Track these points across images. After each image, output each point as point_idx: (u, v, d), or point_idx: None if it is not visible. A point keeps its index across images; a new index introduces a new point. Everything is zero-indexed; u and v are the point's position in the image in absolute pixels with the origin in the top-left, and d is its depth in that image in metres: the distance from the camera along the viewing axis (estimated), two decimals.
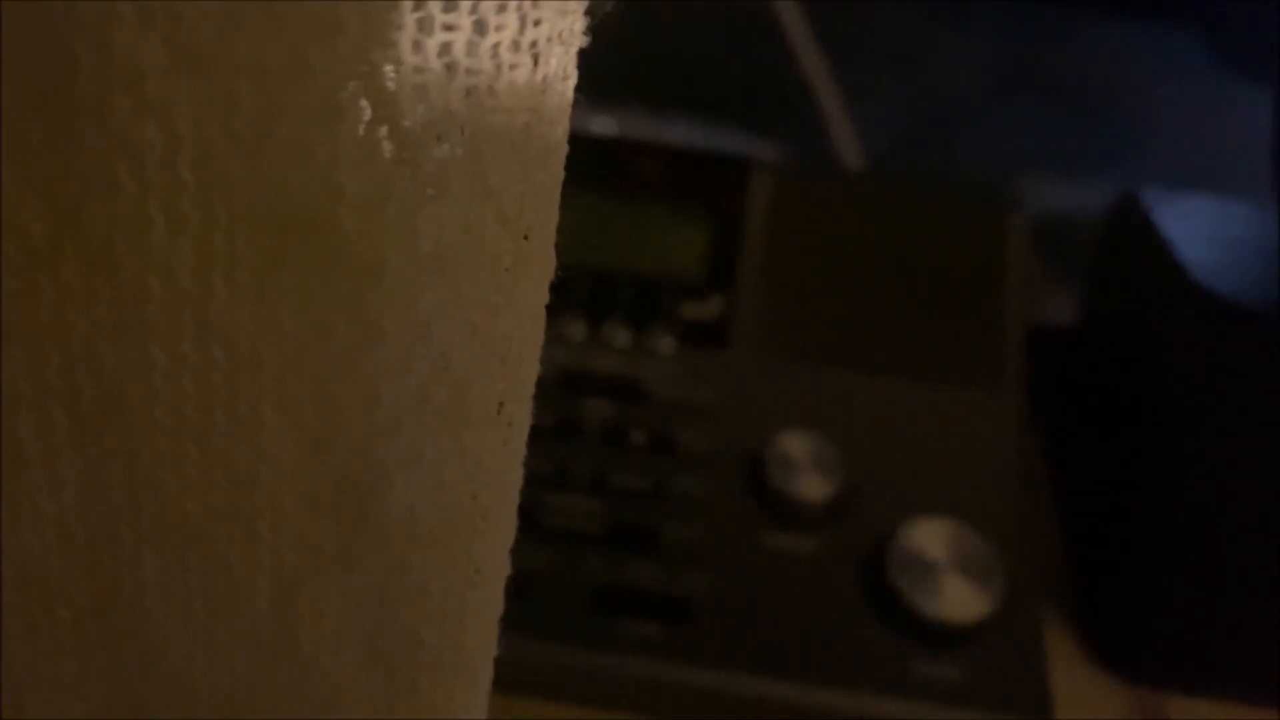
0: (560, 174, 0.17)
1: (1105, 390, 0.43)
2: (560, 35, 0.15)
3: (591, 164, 0.43)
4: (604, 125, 0.48)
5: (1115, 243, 0.45)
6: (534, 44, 0.15)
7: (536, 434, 0.20)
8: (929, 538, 0.36)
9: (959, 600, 0.35)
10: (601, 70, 0.16)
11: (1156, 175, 0.51)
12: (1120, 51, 0.56)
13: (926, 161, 0.54)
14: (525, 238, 0.16)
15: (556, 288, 0.37)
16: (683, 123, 0.50)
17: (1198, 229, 0.41)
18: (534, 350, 0.18)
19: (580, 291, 0.41)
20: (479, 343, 0.17)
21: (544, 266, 0.17)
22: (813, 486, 0.37)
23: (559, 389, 0.40)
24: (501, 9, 0.14)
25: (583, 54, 0.16)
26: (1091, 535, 0.42)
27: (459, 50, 0.14)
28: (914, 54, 0.56)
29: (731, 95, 0.53)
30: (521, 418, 0.18)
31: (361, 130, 0.14)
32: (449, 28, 0.14)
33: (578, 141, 0.17)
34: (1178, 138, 0.55)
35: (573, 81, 0.16)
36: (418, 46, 0.14)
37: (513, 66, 0.15)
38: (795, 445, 0.38)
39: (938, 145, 0.55)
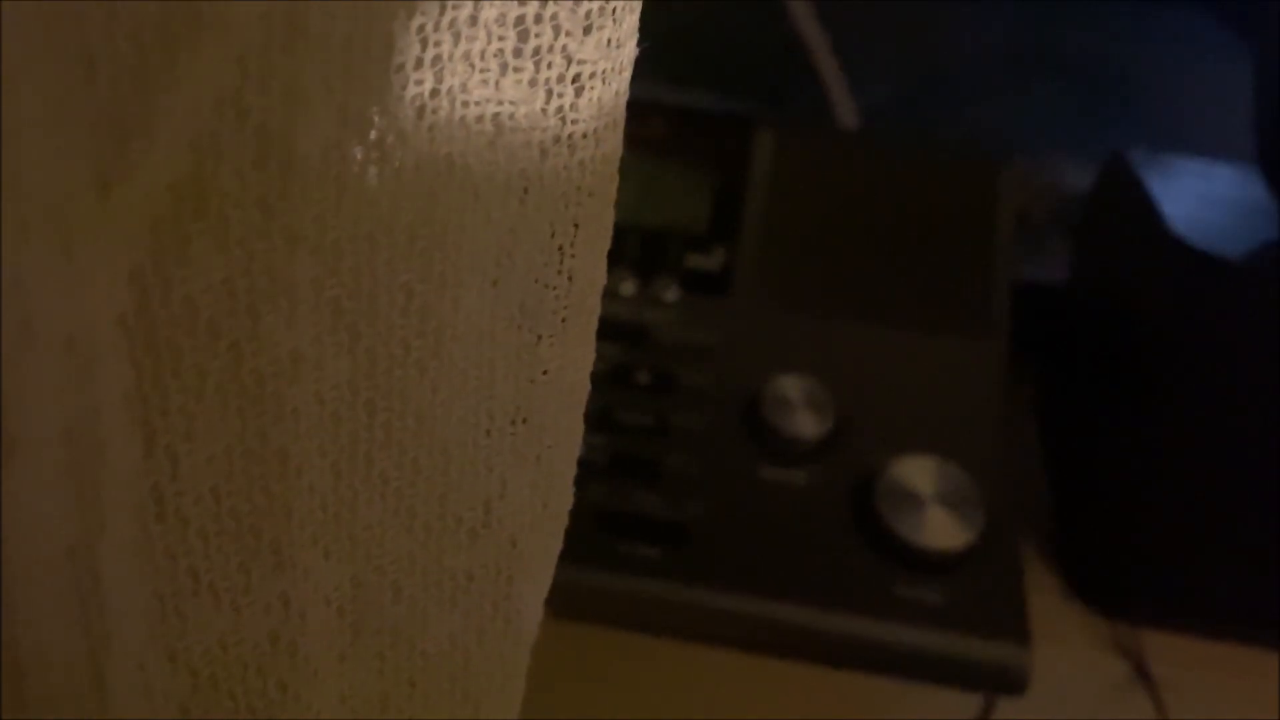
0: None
1: (1091, 341, 0.45)
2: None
3: None
4: None
5: (1104, 200, 0.47)
6: None
7: None
8: (915, 472, 0.38)
9: (942, 530, 0.37)
10: None
11: (1154, 146, 0.52)
12: (1119, 24, 0.57)
13: (927, 131, 0.56)
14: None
15: None
16: (683, 88, 0.52)
17: (1182, 188, 0.43)
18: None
19: None
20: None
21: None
22: (806, 424, 0.39)
23: None
24: None
25: None
26: (1072, 477, 0.44)
27: None
28: (915, 26, 0.57)
29: (732, 62, 0.55)
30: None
31: None
32: None
33: None
34: (1174, 109, 0.56)
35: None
36: None
37: None
38: (790, 386, 0.40)
39: (936, 118, 0.57)
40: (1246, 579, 0.40)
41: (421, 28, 0.15)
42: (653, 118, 0.46)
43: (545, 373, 0.20)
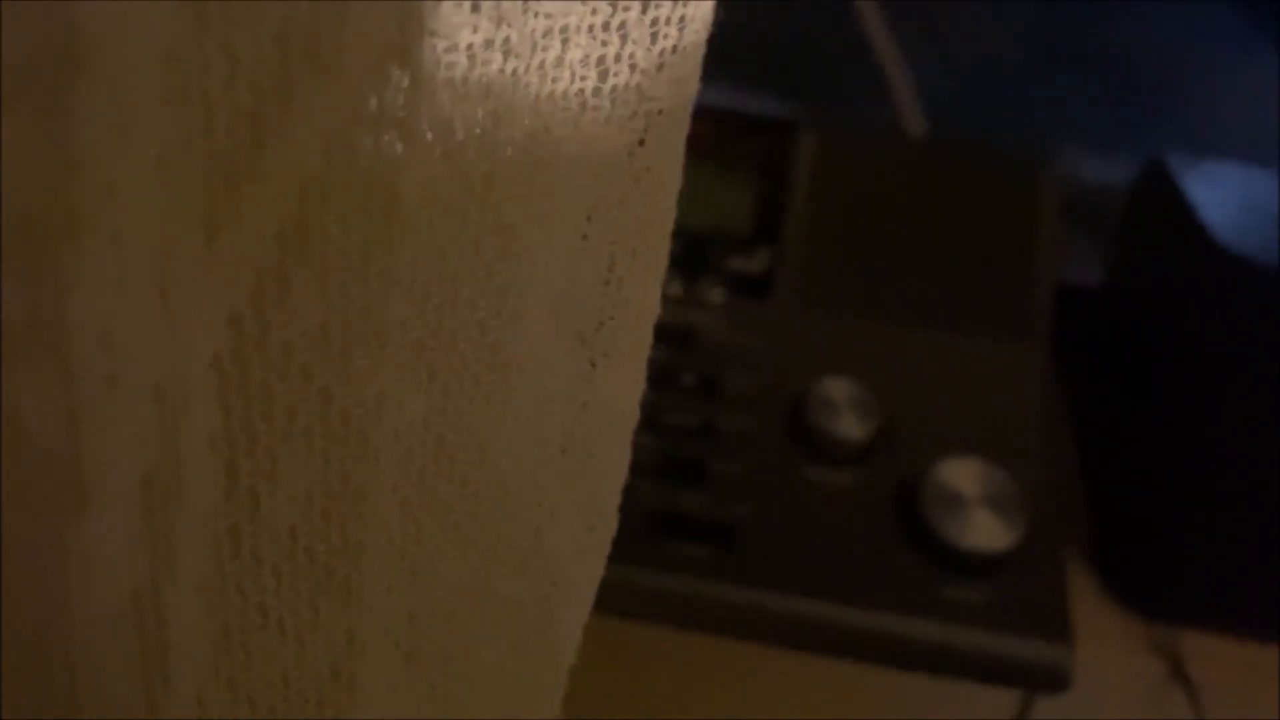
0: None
1: (1130, 346, 0.45)
2: None
3: None
4: None
5: (1142, 206, 0.47)
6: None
7: None
8: (959, 475, 0.38)
9: (985, 532, 0.37)
10: None
11: (1189, 145, 0.52)
12: (1156, 22, 0.57)
13: (964, 130, 0.56)
14: None
15: None
16: (739, 91, 0.53)
17: (1222, 193, 0.43)
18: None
19: None
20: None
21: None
22: (851, 426, 0.40)
23: None
24: None
25: None
26: (1112, 480, 0.44)
27: None
28: (953, 25, 0.57)
29: (788, 64, 0.55)
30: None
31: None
32: None
33: None
34: (1213, 109, 0.56)
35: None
36: None
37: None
38: (835, 388, 0.40)
39: (975, 117, 0.57)
40: None
41: (515, 70, 0.16)
42: (697, 121, 0.47)
43: (598, 399, 0.20)
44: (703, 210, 0.45)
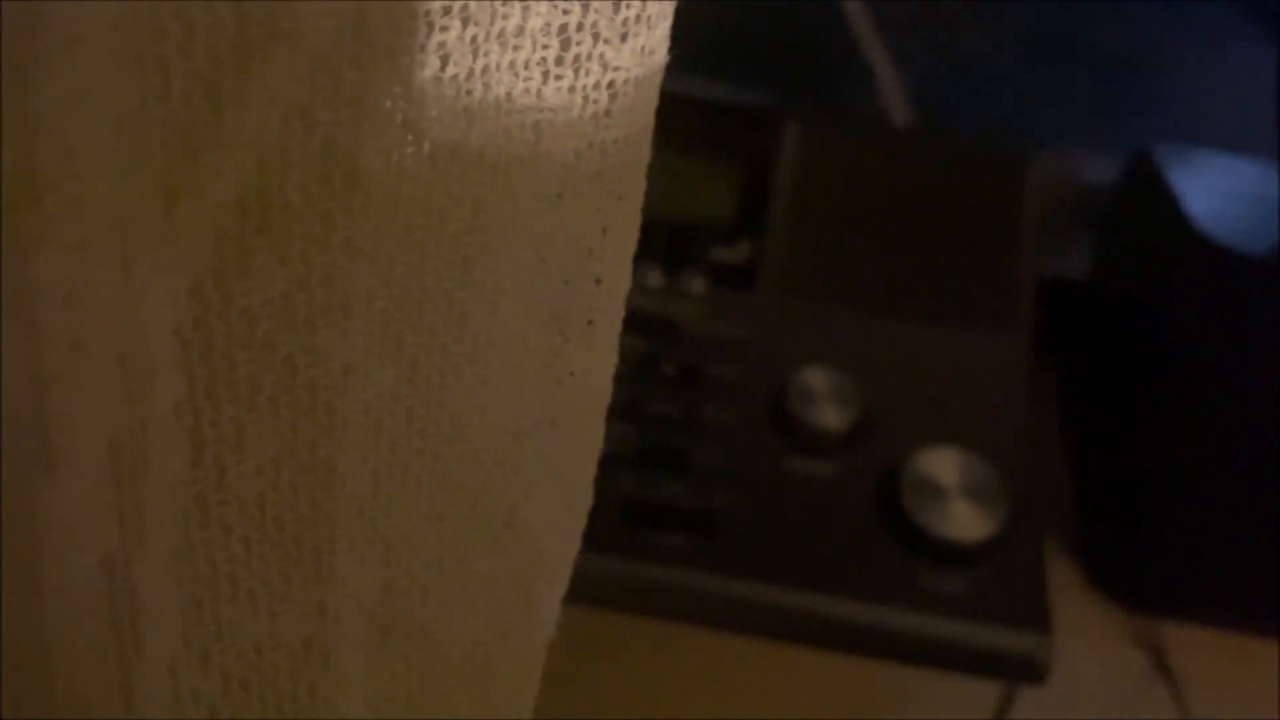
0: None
1: (1115, 336, 0.45)
2: None
3: None
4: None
5: (1127, 197, 0.47)
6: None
7: None
8: (939, 464, 0.38)
9: (965, 521, 0.37)
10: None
11: (1180, 138, 0.52)
12: (1146, 15, 0.57)
13: (953, 123, 0.56)
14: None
15: None
16: (727, 83, 0.52)
17: (1206, 184, 0.43)
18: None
19: None
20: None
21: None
22: (831, 416, 0.40)
23: None
24: None
25: None
26: (1095, 471, 0.44)
27: None
28: (941, 19, 0.57)
29: (776, 57, 0.55)
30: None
31: None
32: None
33: None
34: (1204, 101, 0.56)
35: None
36: None
37: None
38: (816, 378, 0.40)
39: (964, 110, 0.57)
40: (1268, 573, 0.40)
41: (474, 38, 0.16)
42: (679, 110, 0.47)
43: (572, 375, 0.20)
44: (685, 200, 0.45)
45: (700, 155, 0.45)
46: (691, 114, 0.46)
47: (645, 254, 0.43)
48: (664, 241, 0.44)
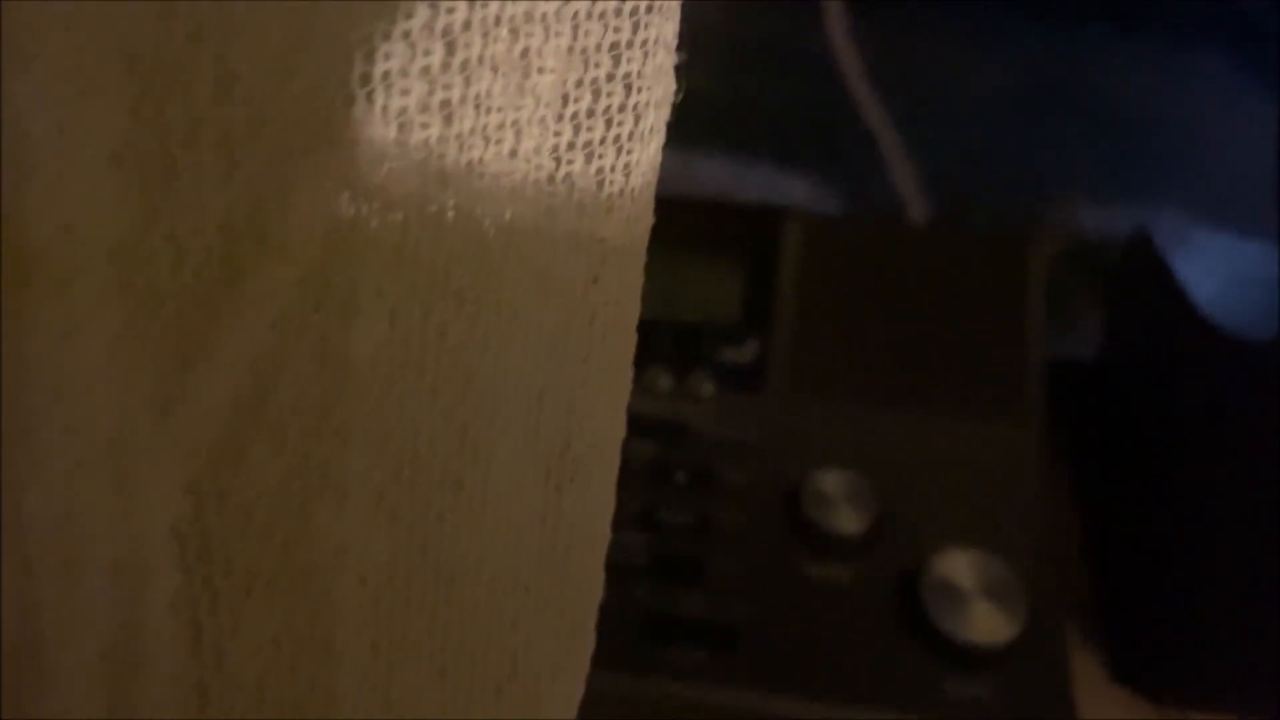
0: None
1: (1126, 422, 0.45)
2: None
3: None
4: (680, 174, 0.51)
5: (1129, 278, 0.47)
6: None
7: None
8: (957, 566, 0.38)
9: (986, 624, 0.37)
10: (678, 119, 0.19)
11: (1189, 197, 0.52)
12: (1152, 74, 0.56)
13: (964, 198, 0.55)
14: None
15: None
16: (756, 170, 0.52)
17: (1208, 266, 0.43)
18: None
19: None
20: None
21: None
22: (847, 520, 0.39)
23: None
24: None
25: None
26: (1115, 560, 0.44)
27: None
28: (943, 85, 0.57)
29: (797, 141, 0.55)
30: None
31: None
32: None
33: None
34: (1212, 160, 0.56)
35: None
36: None
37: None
38: (830, 481, 0.40)
39: (973, 183, 0.56)
40: None
41: (456, 218, 0.16)
42: (682, 212, 0.47)
43: (569, 525, 0.20)
44: (691, 302, 0.45)
45: (705, 256, 0.45)
46: (694, 215, 0.46)
47: (653, 357, 0.43)
48: (671, 344, 0.44)
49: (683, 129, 0.19)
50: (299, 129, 0.14)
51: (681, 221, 0.46)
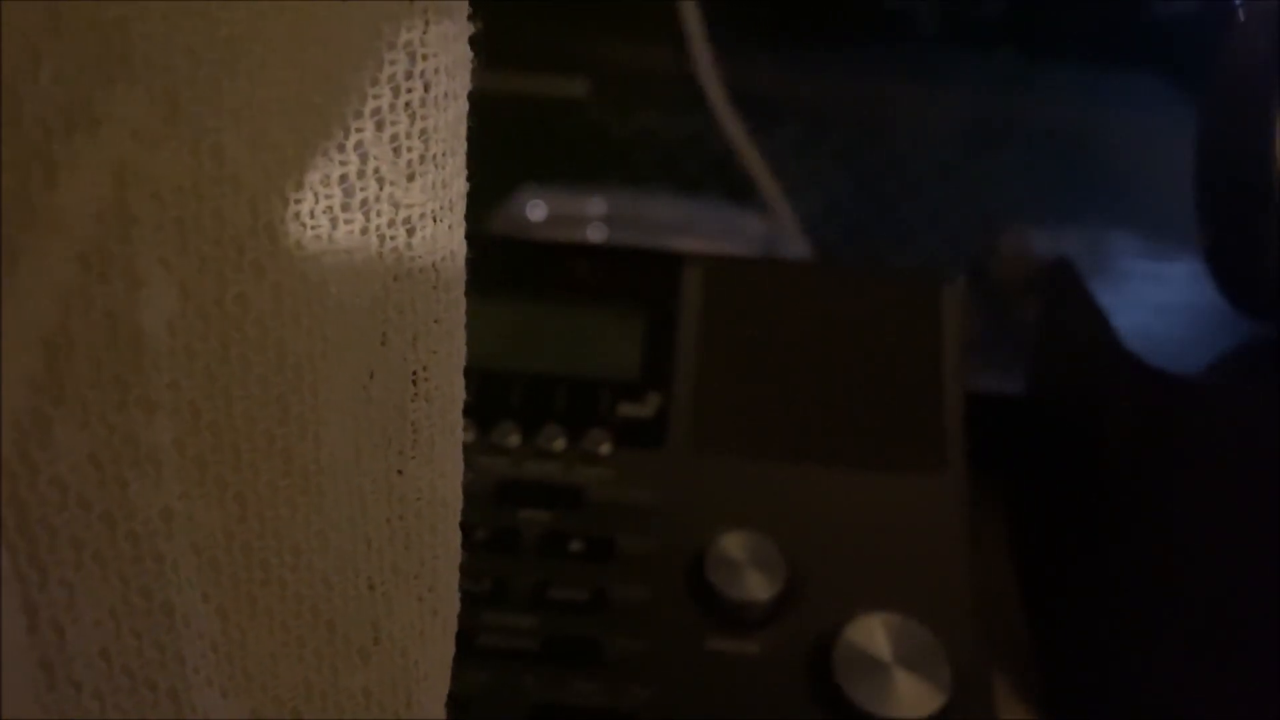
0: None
1: (1055, 460, 0.43)
2: None
3: (521, 268, 0.43)
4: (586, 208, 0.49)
5: (1052, 309, 0.44)
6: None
7: (472, 549, 0.23)
8: (873, 634, 0.36)
9: (907, 697, 0.35)
10: (581, 158, 0.20)
11: (1132, 217, 0.50)
12: (1089, 97, 0.55)
13: (894, 223, 0.53)
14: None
15: (491, 395, 0.38)
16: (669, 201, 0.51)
17: (1133, 294, 0.41)
18: None
19: (515, 397, 0.41)
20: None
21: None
22: (755, 586, 0.37)
23: (495, 500, 0.39)
24: None
25: (572, 141, 0.21)
26: (1050, 608, 0.41)
27: None
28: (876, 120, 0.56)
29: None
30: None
31: None
32: None
33: (508, 246, 0.16)
34: (1152, 180, 0.54)
35: None
36: None
37: None
38: (735, 545, 0.38)
39: (914, 213, 0.54)
40: (1229, 709, 0.36)
41: (252, 199, 0.17)
42: (575, 259, 0.44)
43: (417, 492, 0.22)
44: (587, 356, 0.42)
45: (600, 307, 0.43)
46: (588, 262, 0.43)
47: (547, 415, 0.41)
48: (566, 400, 0.41)
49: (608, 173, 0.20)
50: (57, 112, 0.16)
51: (575, 269, 0.43)
